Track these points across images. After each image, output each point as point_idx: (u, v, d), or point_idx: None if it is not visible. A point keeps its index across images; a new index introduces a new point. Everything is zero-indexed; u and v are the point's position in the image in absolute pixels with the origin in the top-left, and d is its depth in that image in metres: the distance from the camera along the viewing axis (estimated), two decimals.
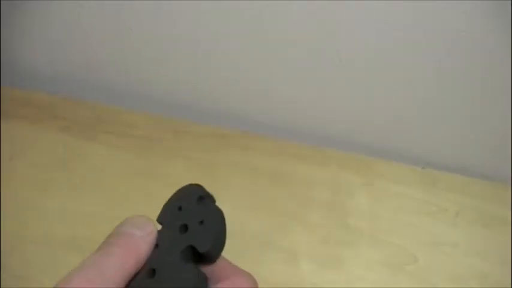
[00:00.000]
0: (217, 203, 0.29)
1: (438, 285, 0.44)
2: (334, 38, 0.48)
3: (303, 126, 0.58)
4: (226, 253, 0.44)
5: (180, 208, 0.29)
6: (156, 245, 0.28)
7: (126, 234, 0.26)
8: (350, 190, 0.50)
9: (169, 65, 0.57)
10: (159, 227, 0.28)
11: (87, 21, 0.54)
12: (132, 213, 0.29)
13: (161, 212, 0.30)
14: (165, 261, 0.27)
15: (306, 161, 0.53)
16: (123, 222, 0.27)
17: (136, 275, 0.26)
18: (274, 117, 0.58)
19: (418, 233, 0.48)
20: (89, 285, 0.23)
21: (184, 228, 0.28)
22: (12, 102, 0.59)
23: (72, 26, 0.56)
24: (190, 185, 0.30)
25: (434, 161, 0.55)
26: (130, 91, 0.60)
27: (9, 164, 0.52)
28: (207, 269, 0.27)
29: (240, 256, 0.42)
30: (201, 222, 0.28)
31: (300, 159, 0.53)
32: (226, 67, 0.55)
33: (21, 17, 0.56)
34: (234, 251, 0.43)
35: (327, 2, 0.45)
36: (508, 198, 0.51)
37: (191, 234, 0.28)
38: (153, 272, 0.27)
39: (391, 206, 0.49)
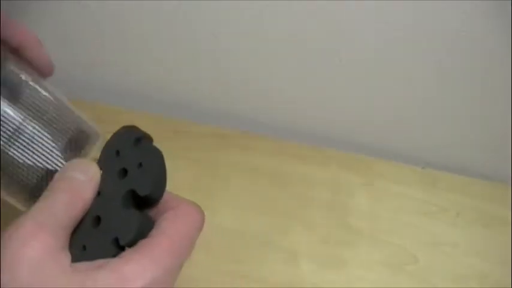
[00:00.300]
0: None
1: (438, 285, 0.44)
2: (334, 38, 0.48)
3: (303, 126, 0.58)
4: (226, 253, 0.45)
5: (117, 152, 0.28)
6: (98, 193, 0.27)
7: (70, 178, 0.26)
8: (350, 190, 0.50)
9: (169, 65, 0.57)
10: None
11: (87, 21, 0.54)
12: None
13: (100, 157, 0.29)
14: (109, 207, 0.26)
15: (306, 161, 0.53)
16: (65, 166, 0.27)
17: (81, 220, 0.26)
18: (274, 117, 0.58)
19: (418, 233, 0.48)
20: (40, 229, 0.23)
21: (124, 172, 0.27)
22: None
23: (71, 26, 0.56)
24: (125, 127, 0.29)
25: (434, 161, 0.55)
26: (130, 91, 0.60)
27: None
28: (152, 209, 0.27)
29: (240, 256, 0.43)
30: (140, 164, 0.27)
31: (300, 159, 0.53)
32: (226, 67, 0.55)
33: (21, 17, 0.56)
34: (234, 251, 0.43)
35: (327, 2, 0.45)
36: (508, 198, 0.51)
37: (131, 178, 0.27)
38: (98, 220, 0.26)
39: (391, 206, 0.49)
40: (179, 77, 0.58)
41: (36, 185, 0.28)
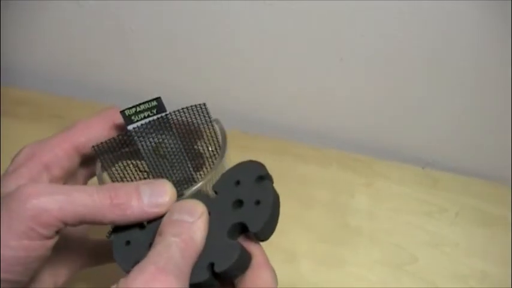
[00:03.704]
0: None
1: (438, 285, 0.44)
2: (335, 37, 0.48)
3: (303, 126, 0.58)
4: None
5: (238, 182, 0.29)
6: (209, 213, 0.27)
7: (178, 222, 0.26)
8: (350, 190, 0.50)
9: (169, 65, 0.57)
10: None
11: (87, 21, 0.54)
12: None
13: (218, 181, 0.29)
14: (213, 232, 0.27)
15: (306, 160, 0.53)
16: (172, 209, 0.27)
17: None
18: (275, 117, 0.58)
19: (418, 232, 0.48)
20: (163, 272, 0.23)
21: (239, 203, 0.28)
22: (12, 101, 0.59)
23: (71, 26, 0.56)
24: (252, 161, 0.30)
25: (434, 161, 0.55)
26: (129, 91, 0.60)
27: (8, 163, 0.52)
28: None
29: None
30: (258, 202, 0.28)
31: (300, 159, 0.53)
32: (226, 67, 0.55)
33: (21, 16, 0.56)
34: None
35: (328, 2, 0.45)
36: (508, 198, 0.51)
37: (245, 211, 0.28)
38: None
39: (391, 206, 0.49)
40: (178, 77, 0.58)
41: None
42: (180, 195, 0.28)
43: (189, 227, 0.26)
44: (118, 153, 0.30)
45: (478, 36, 0.45)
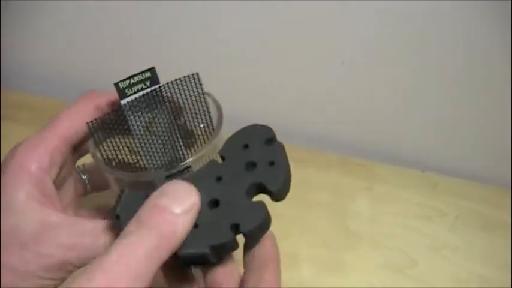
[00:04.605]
0: None
1: None
2: (336, 40, 0.48)
3: (304, 130, 0.58)
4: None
5: (246, 146, 0.29)
6: (219, 178, 0.27)
7: (162, 210, 0.22)
8: (350, 194, 0.50)
9: (169, 66, 0.56)
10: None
11: (86, 24, 0.54)
12: None
13: (224, 147, 0.29)
14: (231, 193, 0.27)
15: (307, 164, 0.53)
16: (161, 189, 0.23)
17: None
18: (275, 120, 0.58)
19: (418, 236, 0.48)
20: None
21: (251, 165, 0.28)
22: (12, 105, 0.58)
23: (71, 31, 0.56)
24: (258, 125, 0.30)
25: (434, 164, 0.55)
26: None
27: None
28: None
29: (240, 260, 0.42)
30: (272, 163, 0.28)
31: (300, 163, 0.53)
32: (226, 68, 0.55)
33: (20, 18, 0.56)
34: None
35: (330, 3, 0.45)
36: (508, 202, 0.51)
37: (260, 172, 0.28)
38: (216, 203, 0.26)
39: (391, 210, 0.49)
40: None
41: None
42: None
43: (173, 220, 0.22)
44: (111, 130, 0.29)
45: (477, 37, 0.45)
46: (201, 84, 0.31)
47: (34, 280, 0.25)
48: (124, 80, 0.29)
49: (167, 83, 0.29)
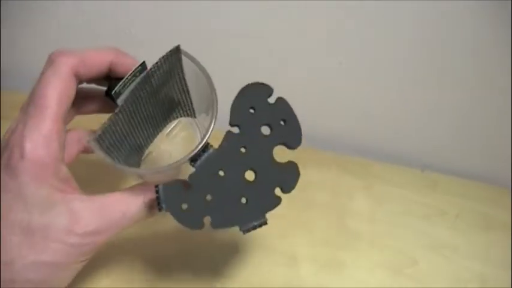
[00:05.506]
0: None
1: (438, 287, 0.44)
2: (334, 41, 0.48)
3: (303, 129, 0.58)
4: (228, 256, 0.45)
5: (252, 108, 0.30)
6: (244, 147, 0.29)
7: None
8: (349, 193, 0.50)
9: None
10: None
11: (86, 24, 0.54)
12: None
13: (233, 115, 0.30)
14: (262, 162, 0.28)
15: (305, 164, 0.52)
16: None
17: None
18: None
19: (417, 235, 0.48)
20: None
21: (266, 127, 0.29)
22: (12, 105, 0.58)
23: (71, 30, 0.56)
24: (254, 84, 0.31)
25: (434, 163, 0.55)
26: None
27: None
28: None
29: (239, 259, 0.43)
30: (284, 120, 0.30)
31: (299, 162, 0.53)
32: (226, 68, 0.55)
33: (19, 18, 0.56)
34: (233, 254, 0.43)
35: (328, 3, 0.45)
36: (508, 201, 0.51)
37: (278, 133, 0.29)
38: (252, 173, 0.28)
39: (390, 209, 0.49)
40: None
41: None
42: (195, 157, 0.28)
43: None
44: (116, 134, 0.29)
45: (477, 37, 0.45)
46: (178, 57, 0.31)
47: (75, 265, 0.28)
48: (119, 84, 0.29)
49: (152, 66, 0.29)
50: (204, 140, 0.28)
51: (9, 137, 0.28)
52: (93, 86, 0.33)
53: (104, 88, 0.30)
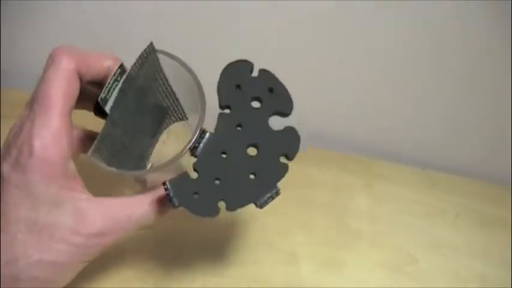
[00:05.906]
0: None
1: (438, 286, 0.44)
2: (334, 38, 0.48)
3: (302, 128, 0.58)
4: (228, 255, 0.45)
5: (238, 86, 0.30)
6: (239, 126, 0.29)
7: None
8: (350, 191, 0.50)
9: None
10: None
11: (86, 24, 0.54)
12: None
13: (220, 97, 0.30)
14: (261, 134, 0.29)
15: (306, 162, 0.53)
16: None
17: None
18: (274, 119, 0.58)
19: (418, 234, 0.48)
20: None
21: (255, 101, 0.30)
22: (12, 103, 0.58)
23: (72, 28, 0.56)
24: (233, 63, 0.31)
25: (434, 162, 0.55)
26: None
27: None
28: None
29: (240, 257, 0.43)
30: (271, 89, 0.30)
31: (299, 160, 0.53)
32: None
33: (19, 18, 0.56)
34: (233, 252, 0.43)
35: (328, 3, 0.45)
36: (508, 199, 0.51)
37: (268, 103, 0.29)
38: (254, 149, 0.28)
39: (391, 208, 0.49)
40: None
41: None
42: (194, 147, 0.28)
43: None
44: (108, 140, 0.29)
45: (478, 36, 0.45)
46: (153, 56, 0.31)
47: (78, 265, 0.28)
48: (103, 91, 0.28)
49: (131, 68, 0.29)
50: (199, 128, 0.28)
51: (15, 135, 0.28)
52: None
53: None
